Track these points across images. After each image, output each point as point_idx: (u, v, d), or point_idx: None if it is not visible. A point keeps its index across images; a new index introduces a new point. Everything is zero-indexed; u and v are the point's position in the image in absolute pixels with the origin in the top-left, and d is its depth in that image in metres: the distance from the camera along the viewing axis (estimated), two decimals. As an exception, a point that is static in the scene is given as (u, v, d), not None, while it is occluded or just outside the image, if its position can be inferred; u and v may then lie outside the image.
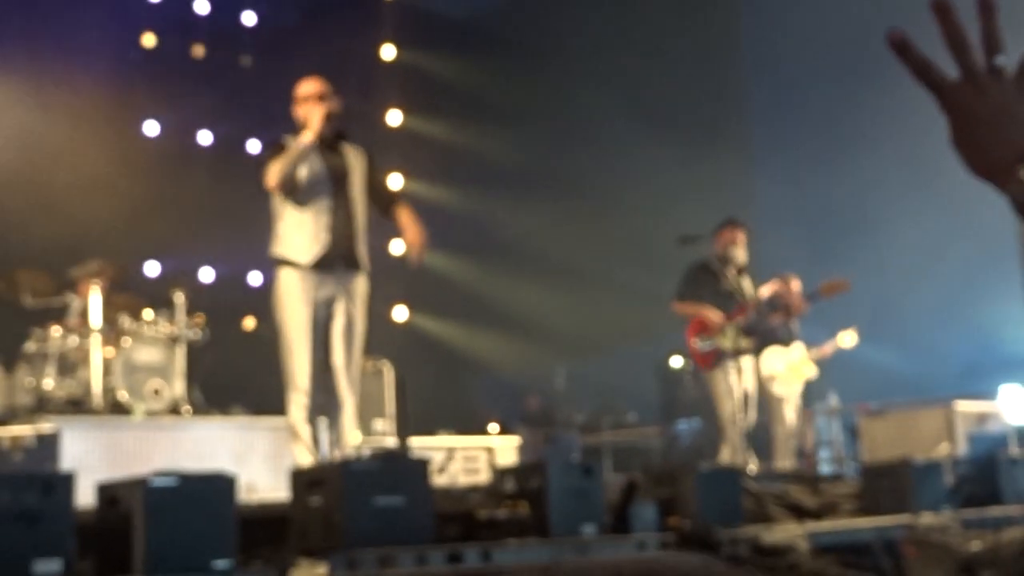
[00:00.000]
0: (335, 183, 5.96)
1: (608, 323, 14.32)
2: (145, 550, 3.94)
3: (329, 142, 6.07)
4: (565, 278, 14.52)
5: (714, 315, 8.44)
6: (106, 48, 12.66)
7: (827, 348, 10.03)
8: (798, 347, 9.84)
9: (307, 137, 5.89)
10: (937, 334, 13.55)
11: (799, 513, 6.33)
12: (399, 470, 4.66)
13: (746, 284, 8.86)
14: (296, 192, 5.88)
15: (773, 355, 9.46)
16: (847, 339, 9.89)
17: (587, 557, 4.90)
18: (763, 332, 9.01)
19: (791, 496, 6.52)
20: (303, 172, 5.88)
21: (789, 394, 9.67)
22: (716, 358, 8.45)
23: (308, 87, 6.13)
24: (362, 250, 6.00)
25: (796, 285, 9.71)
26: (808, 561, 5.23)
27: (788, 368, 9.67)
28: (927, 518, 6.15)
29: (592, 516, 5.10)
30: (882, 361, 13.29)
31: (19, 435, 6.10)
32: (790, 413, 9.73)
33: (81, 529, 4.01)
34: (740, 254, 8.82)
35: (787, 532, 5.59)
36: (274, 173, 5.83)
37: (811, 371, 9.94)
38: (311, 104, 6.02)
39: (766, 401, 9.69)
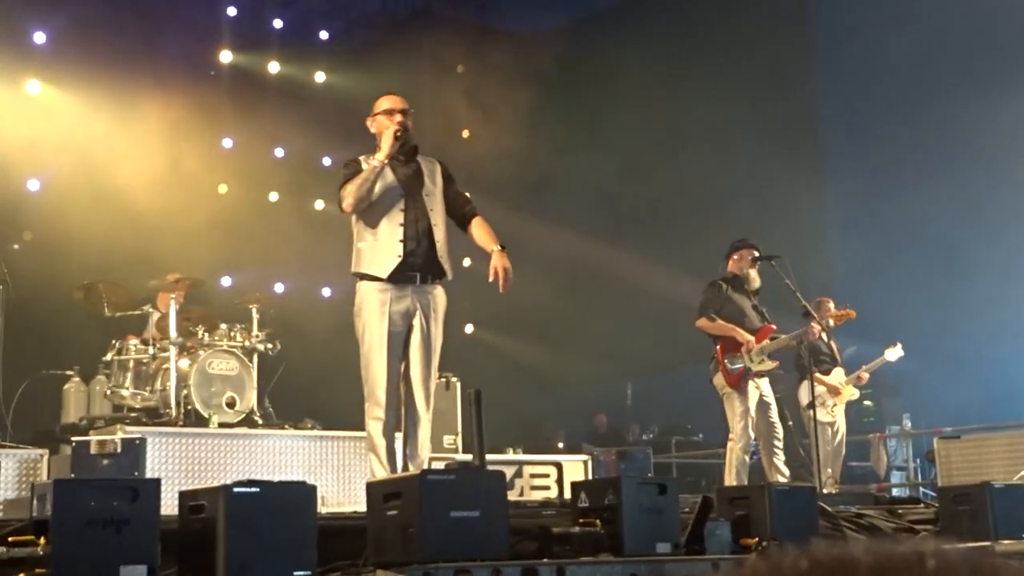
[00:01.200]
0: (409, 196, 5.99)
1: (676, 343, 14.26)
2: (227, 557, 3.97)
3: (403, 156, 6.11)
4: (633, 298, 14.48)
5: (743, 336, 8.45)
6: (186, 66, 12.91)
7: (863, 374, 10.21)
8: (838, 372, 10.02)
9: (378, 158, 5.93)
10: (1012, 359, 13.34)
11: (876, 535, 6.25)
12: (475, 483, 4.65)
13: (760, 306, 8.86)
14: (371, 210, 5.92)
15: (815, 382, 9.59)
16: (893, 353, 10.02)
17: None
18: (807, 358, 9.18)
19: (867, 518, 6.44)
20: (377, 188, 5.92)
21: (830, 419, 9.81)
22: (743, 378, 8.45)
23: (385, 101, 6.19)
24: (443, 261, 6.01)
25: (829, 307, 9.87)
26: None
27: (829, 393, 9.84)
28: (1007, 543, 6.04)
29: (666, 534, 5.07)
30: (956, 385, 13.10)
31: (106, 441, 6.21)
32: (832, 436, 9.88)
33: (164, 535, 4.06)
34: (755, 276, 8.82)
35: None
36: (348, 197, 5.87)
37: (852, 395, 10.15)
38: (385, 118, 6.07)
39: (808, 426, 9.89)
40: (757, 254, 8.82)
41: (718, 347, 8.54)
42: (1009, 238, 13.36)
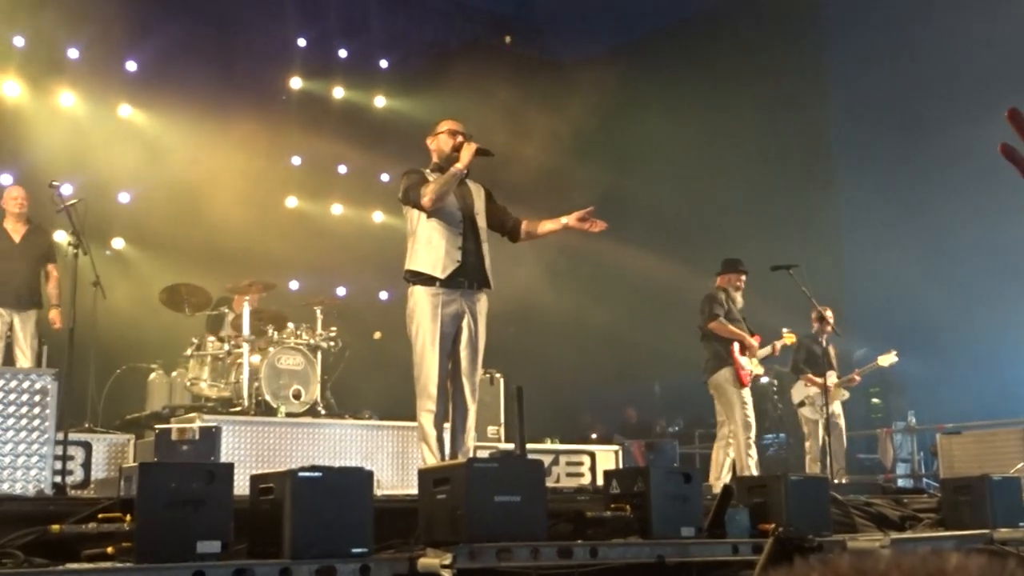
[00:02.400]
0: (464, 214, 5.98)
1: (699, 345, 14.19)
2: (292, 535, 3.99)
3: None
4: (660, 304, 14.40)
5: (750, 341, 8.47)
6: (260, 91, 13.00)
7: (856, 376, 10.14)
8: (830, 376, 9.96)
9: (458, 166, 5.89)
10: (1012, 360, 13.14)
11: (882, 523, 6.17)
12: (517, 471, 4.64)
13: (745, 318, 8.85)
14: (433, 221, 5.89)
15: (807, 383, 9.54)
16: (887, 359, 9.97)
17: (687, 557, 4.85)
18: (803, 361, 9.13)
19: (875, 507, 6.36)
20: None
21: (816, 416, 9.78)
22: (750, 377, 8.47)
23: (448, 123, 6.16)
24: (489, 273, 6.00)
25: (827, 315, 9.79)
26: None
27: (820, 393, 9.77)
28: (1004, 532, 5.94)
29: (690, 519, 5.03)
30: (958, 385, 12.93)
31: (186, 428, 6.25)
32: (822, 433, 9.82)
33: (236, 514, 4.08)
34: (739, 297, 8.80)
35: (872, 541, 5.45)
36: (430, 194, 5.83)
37: (842, 396, 10.13)
38: (447, 137, 6.06)
39: (800, 422, 9.95)
40: (744, 278, 8.80)
41: (733, 348, 8.50)
42: (1011, 248, 13.15)
